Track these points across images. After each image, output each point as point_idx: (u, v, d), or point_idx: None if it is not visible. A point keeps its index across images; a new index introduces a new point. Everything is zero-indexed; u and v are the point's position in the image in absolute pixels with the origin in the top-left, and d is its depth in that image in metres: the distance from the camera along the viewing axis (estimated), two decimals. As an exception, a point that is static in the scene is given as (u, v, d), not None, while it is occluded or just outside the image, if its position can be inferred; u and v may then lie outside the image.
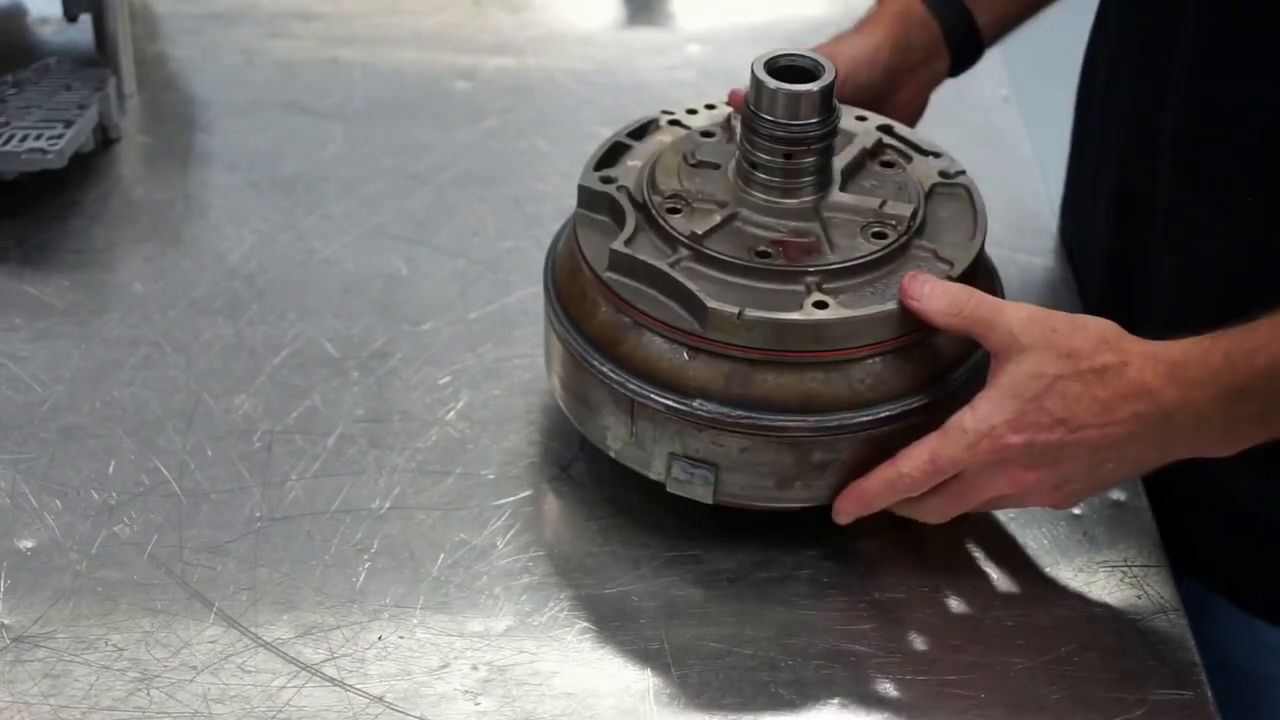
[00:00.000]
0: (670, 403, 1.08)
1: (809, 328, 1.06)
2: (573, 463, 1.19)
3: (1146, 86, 1.23)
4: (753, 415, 1.07)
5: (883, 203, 1.14)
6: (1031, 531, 1.16)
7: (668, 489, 1.11)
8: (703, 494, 1.10)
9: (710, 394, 1.08)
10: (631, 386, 1.09)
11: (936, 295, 1.07)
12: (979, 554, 1.15)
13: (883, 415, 1.08)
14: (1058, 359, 1.04)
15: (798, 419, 1.07)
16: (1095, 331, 1.05)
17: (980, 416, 1.05)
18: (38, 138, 1.35)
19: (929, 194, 1.15)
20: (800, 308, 1.07)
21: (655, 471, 1.11)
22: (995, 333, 1.06)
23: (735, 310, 1.06)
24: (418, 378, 1.26)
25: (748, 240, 1.12)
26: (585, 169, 1.16)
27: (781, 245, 1.11)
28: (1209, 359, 1.03)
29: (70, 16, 1.53)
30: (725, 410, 1.07)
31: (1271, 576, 1.23)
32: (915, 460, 1.06)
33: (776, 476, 1.09)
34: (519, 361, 1.27)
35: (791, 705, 1.05)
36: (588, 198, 1.15)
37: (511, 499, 1.17)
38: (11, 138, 1.35)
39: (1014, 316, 1.06)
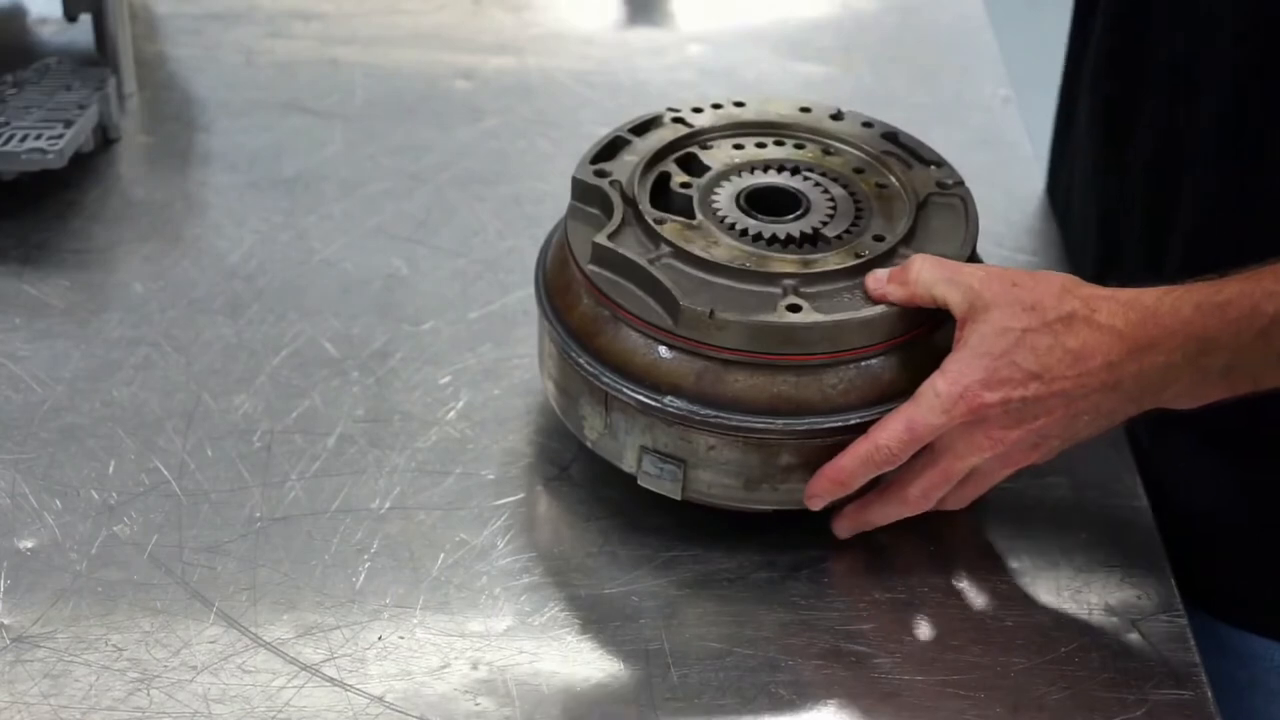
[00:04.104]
0: (642, 397, 1.09)
1: (780, 330, 1.06)
2: (572, 463, 1.19)
3: (1125, 90, 1.24)
4: (721, 414, 1.07)
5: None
6: (1031, 531, 1.16)
7: (639, 482, 1.12)
8: (671, 489, 1.11)
9: (682, 391, 1.08)
10: (606, 379, 1.10)
11: (890, 275, 1.08)
12: (978, 554, 1.15)
13: (853, 421, 1.08)
14: (1023, 312, 1.04)
15: (765, 420, 1.07)
16: (1057, 282, 1.05)
17: (952, 378, 1.04)
18: (38, 138, 1.35)
19: (923, 203, 1.15)
20: (774, 310, 1.07)
21: (627, 464, 1.12)
22: (955, 293, 1.05)
23: (707, 309, 1.06)
24: (418, 378, 1.26)
25: None
26: (581, 161, 1.17)
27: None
28: (1179, 308, 1.03)
29: (70, 16, 1.53)
30: (694, 408, 1.08)
31: (1261, 591, 1.23)
32: (891, 430, 1.06)
33: (744, 476, 1.09)
34: (519, 361, 1.27)
35: (791, 705, 1.05)
36: (580, 190, 1.15)
37: (511, 499, 1.17)
38: (11, 138, 1.35)
39: (973, 276, 1.06)
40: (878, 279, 1.08)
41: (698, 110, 1.22)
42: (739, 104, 1.23)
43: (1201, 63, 1.16)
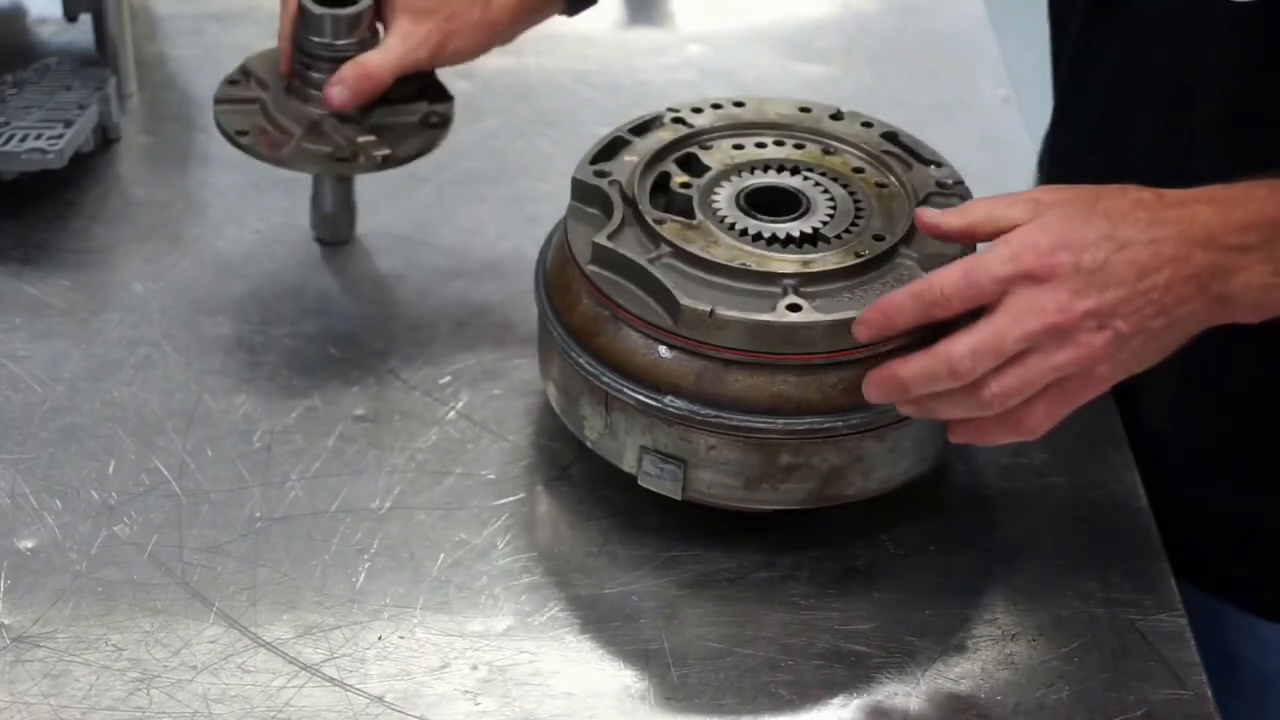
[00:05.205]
0: (642, 397, 1.09)
1: (780, 329, 1.06)
2: (572, 463, 1.19)
3: (1120, 92, 1.24)
4: (721, 414, 1.07)
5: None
6: (1031, 531, 1.16)
7: (639, 482, 1.12)
8: (672, 489, 1.11)
9: (683, 391, 1.08)
10: (606, 379, 1.10)
11: (946, 211, 1.06)
12: (978, 554, 1.15)
13: (854, 421, 1.08)
14: (1092, 194, 1.01)
15: (765, 420, 1.07)
16: (1116, 186, 1.02)
17: (1024, 234, 0.99)
18: (38, 138, 1.35)
19: (923, 203, 1.15)
20: (774, 310, 1.07)
21: (627, 464, 1.12)
22: (1016, 208, 1.02)
23: (707, 308, 1.06)
24: (418, 378, 1.26)
25: None
26: (581, 162, 1.17)
27: None
28: (1253, 191, 1.00)
29: (70, 16, 1.52)
30: (695, 408, 1.08)
31: (1273, 577, 1.23)
32: (949, 273, 1.00)
33: (744, 476, 1.09)
34: (519, 361, 1.27)
35: (791, 705, 1.06)
36: (580, 190, 1.16)
37: (511, 499, 1.17)
38: (11, 138, 1.35)
39: (1030, 191, 1.03)
40: (931, 213, 1.06)
41: (698, 110, 1.22)
42: (739, 104, 1.23)
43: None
